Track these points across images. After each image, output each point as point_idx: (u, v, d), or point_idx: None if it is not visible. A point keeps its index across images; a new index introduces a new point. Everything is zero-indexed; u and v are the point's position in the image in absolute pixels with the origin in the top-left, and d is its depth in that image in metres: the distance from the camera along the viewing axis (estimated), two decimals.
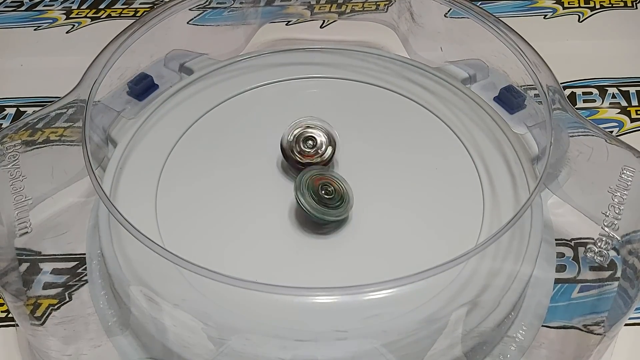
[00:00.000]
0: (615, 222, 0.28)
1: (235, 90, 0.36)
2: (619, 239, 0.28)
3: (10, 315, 0.32)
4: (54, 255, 0.32)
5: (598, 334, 0.29)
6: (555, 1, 0.51)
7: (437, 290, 0.27)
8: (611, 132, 0.41)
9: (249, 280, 0.23)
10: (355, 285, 0.23)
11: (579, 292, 0.31)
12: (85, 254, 0.31)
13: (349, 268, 0.29)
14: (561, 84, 0.32)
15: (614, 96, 0.43)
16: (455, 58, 0.39)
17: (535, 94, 0.35)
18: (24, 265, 0.31)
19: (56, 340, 0.29)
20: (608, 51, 0.47)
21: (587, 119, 0.31)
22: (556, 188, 0.31)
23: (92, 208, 0.32)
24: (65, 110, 0.32)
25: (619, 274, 0.29)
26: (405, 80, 0.37)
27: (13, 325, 0.32)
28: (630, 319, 0.32)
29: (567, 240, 0.33)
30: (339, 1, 0.45)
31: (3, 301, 0.31)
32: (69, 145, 0.32)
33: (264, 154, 0.33)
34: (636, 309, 0.32)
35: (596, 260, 0.28)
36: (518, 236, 0.29)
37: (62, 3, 0.51)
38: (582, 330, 0.29)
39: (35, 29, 0.49)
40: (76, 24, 0.49)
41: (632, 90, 0.44)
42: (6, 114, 0.43)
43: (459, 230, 0.30)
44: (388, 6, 0.44)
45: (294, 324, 0.26)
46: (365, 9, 0.45)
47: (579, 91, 0.44)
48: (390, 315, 0.26)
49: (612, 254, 0.28)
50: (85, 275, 0.31)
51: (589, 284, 0.31)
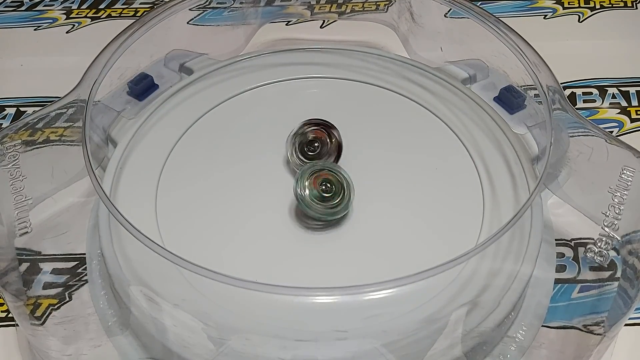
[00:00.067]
0: (615, 222, 0.28)
1: (235, 90, 0.36)
2: (619, 239, 0.28)
3: (10, 315, 0.32)
4: (54, 255, 0.32)
5: (598, 334, 0.29)
6: (555, 1, 0.51)
7: (437, 290, 0.27)
8: (611, 132, 0.41)
9: (249, 280, 0.23)
10: (355, 285, 0.23)
11: (579, 292, 0.31)
12: (85, 254, 0.31)
13: (349, 268, 0.29)
14: (561, 84, 0.32)
15: (614, 96, 0.43)
16: (455, 58, 0.39)
17: (535, 94, 0.35)
18: (24, 265, 0.31)
19: (56, 340, 0.29)
20: (608, 51, 0.47)
21: (587, 119, 0.31)
22: (556, 188, 0.31)
23: (92, 208, 0.32)
24: (65, 110, 0.32)
25: (619, 274, 0.29)
26: (405, 81, 0.37)
27: (13, 325, 0.32)
28: (630, 319, 0.32)
29: (567, 241, 0.33)
30: (339, 1, 0.45)
31: (3, 301, 0.31)
32: (69, 145, 0.32)
33: (264, 154, 0.33)
34: (636, 309, 0.32)
35: (596, 261, 0.28)
36: (518, 236, 0.29)
37: (62, 3, 0.51)
38: (582, 331, 0.29)
39: (35, 29, 0.49)
40: (76, 24, 0.49)
41: (632, 90, 0.44)
42: (6, 114, 0.43)
43: (459, 230, 0.30)
44: (388, 6, 0.44)
45: (294, 324, 0.26)
46: (365, 9, 0.45)
47: (579, 91, 0.44)
48: (390, 315, 0.26)
49: (612, 254, 0.28)
50: (85, 275, 0.31)
51: (589, 284, 0.31)
